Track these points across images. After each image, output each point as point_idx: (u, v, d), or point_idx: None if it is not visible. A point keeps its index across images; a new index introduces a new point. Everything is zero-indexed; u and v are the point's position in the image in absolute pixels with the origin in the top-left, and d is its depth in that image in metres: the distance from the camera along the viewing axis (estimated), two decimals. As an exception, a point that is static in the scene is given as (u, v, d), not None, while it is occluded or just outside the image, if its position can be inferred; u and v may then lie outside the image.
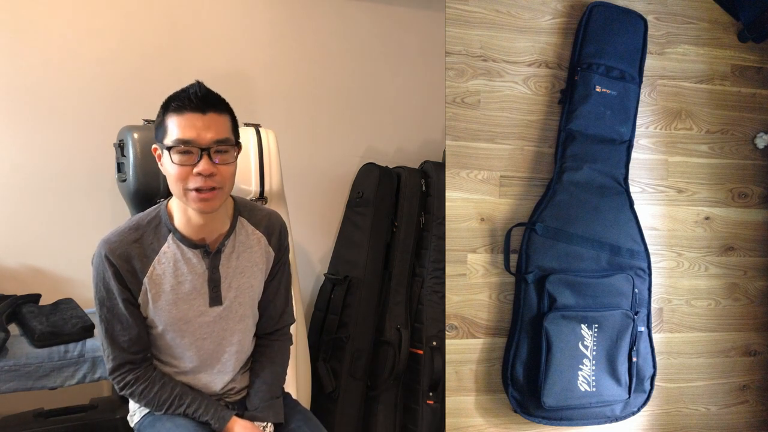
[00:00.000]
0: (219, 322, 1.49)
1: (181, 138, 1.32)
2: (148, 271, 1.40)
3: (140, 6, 2.40)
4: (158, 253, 1.41)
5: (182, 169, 1.33)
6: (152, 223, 1.44)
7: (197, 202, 1.35)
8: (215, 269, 1.45)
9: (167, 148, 1.34)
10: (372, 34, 2.76)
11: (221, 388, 1.54)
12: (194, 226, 1.42)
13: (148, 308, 1.43)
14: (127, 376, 1.44)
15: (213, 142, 1.33)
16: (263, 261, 1.54)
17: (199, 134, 1.32)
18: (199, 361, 1.50)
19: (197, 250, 1.44)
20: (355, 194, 2.65)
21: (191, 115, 1.32)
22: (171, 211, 1.45)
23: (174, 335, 1.46)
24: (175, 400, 1.46)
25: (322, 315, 2.56)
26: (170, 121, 1.34)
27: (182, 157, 1.33)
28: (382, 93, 2.79)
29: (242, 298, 1.51)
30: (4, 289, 2.16)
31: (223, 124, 1.36)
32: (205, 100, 1.34)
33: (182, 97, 1.34)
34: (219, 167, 1.34)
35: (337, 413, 2.40)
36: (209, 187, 1.34)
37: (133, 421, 1.58)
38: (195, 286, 1.44)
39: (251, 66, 2.56)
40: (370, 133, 2.78)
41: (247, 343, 1.57)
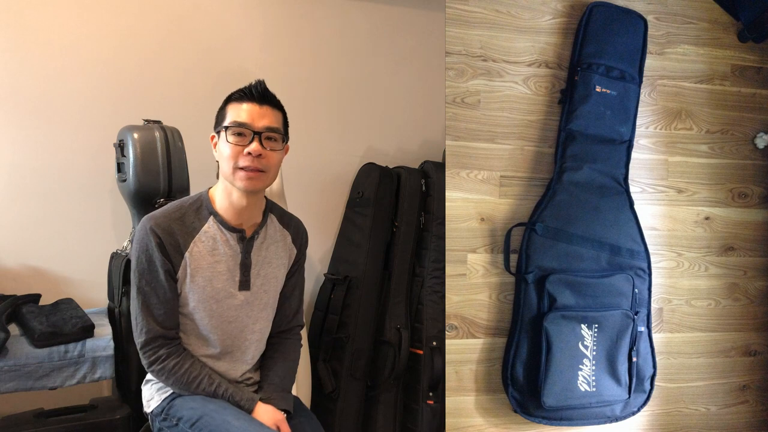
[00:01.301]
0: (245, 307, 1.58)
1: (237, 120, 1.49)
2: (189, 246, 1.51)
3: (140, 6, 2.40)
4: (199, 231, 1.53)
5: (235, 148, 1.48)
6: (194, 206, 1.56)
7: (244, 180, 1.49)
8: (248, 254, 1.57)
9: (225, 128, 1.50)
10: (372, 34, 2.76)
11: (240, 375, 1.60)
12: (236, 209, 1.54)
13: (185, 283, 1.52)
14: (159, 351, 1.50)
15: (265, 128, 1.50)
16: (286, 256, 1.67)
17: (253, 120, 1.49)
18: (222, 346, 1.57)
19: (234, 234, 1.56)
20: (355, 194, 2.65)
21: (249, 104, 1.50)
22: (213, 197, 1.58)
23: (203, 315, 1.54)
24: (205, 378, 1.52)
25: (322, 315, 2.56)
26: (230, 108, 1.52)
27: (237, 138, 1.49)
28: (382, 93, 2.79)
29: (267, 286, 1.62)
30: (4, 289, 2.17)
31: (276, 117, 1.54)
32: (263, 94, 1.52)
33: (244, 90, 1.52)
34: (267, 152, 1.50)
35: (337, 413, 2.40)
36: (257, 167, 1.48)
37: (150, 406, 1.59)
38: (229, 267, 1.55)
39: (251, 66, 2.56)
40: (370, 133, 2.78)
41: (266, 335, 1.67)
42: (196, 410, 1.47)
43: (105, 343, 1.82)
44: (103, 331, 1.89)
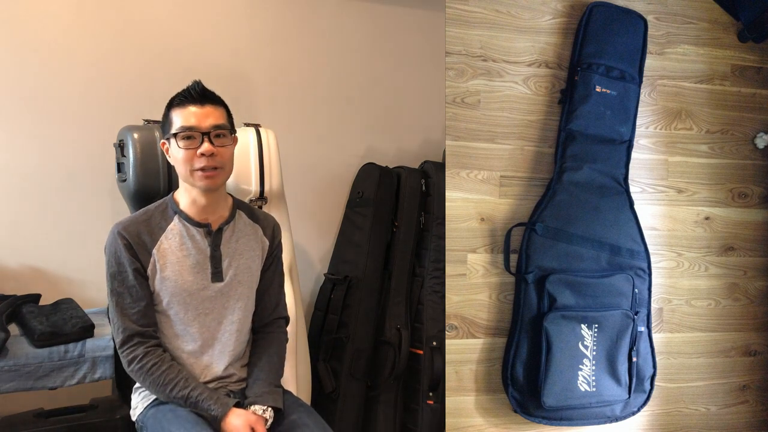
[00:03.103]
0: (220, 298, 1.61)
1: (184, 125, 1.53)
2: (156, 243, 1.56)
3: (141, 6, 2.40)
4: (165, 230, 1.58)
5: (188, 153, 1.53)
6: (159, 208, 1.62)
7: (203, 180, 1.54)
8: (216, 247, 1.61)
9: (173, 136, 1.54)
10: (372, 34, 2.76)
11: (223, 370, 1.60)
12: (198, 207, 1.59)
13: (156, 279, 1.56)
14: (136, 350, 1.52)
15: (212, 127, 1.54)
16: (259, 248, 1.69)
17: (199, 121, 1.53)
18: (202, 339, 1.59)
19: (201, 229, 1.60)
20: (355, 194, 2.65)
21: (192, 107, 1.54)
22: (177, 199, 1.62)
23: (178, 309, 1.57)
24: (181, 381, 1.52)
25: (322, 315, 2.56)
26: (174, 115, 1.55)
27: (187, 141, 1.53)
28: (382, 93, 2.79)
29: (241, 277, 1.64)
30: (4, 289, 2.17)
31: (220, 114, 1.57)
32: (203, 94, 1.56)
33: (183, 94, 1.56)
34: (218, 149, 1.54)
35: (337, 413, 2.40)
36: (212, 166, 1.53)
37: (135, 414, 1.62)
38: (198, 261, 1.59)
39: (251, 66, 2.56)
40: (370, 133, 2.78)
41: (246, 326, 1.67)
42: (160, 426, 1.50)
43: (105, 343, 1.82)
44: (103, 331, 1.89)
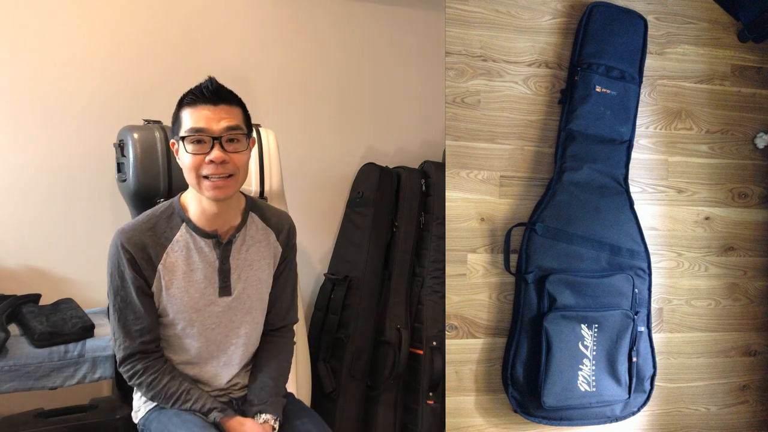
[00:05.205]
0: (227, 313, 1.53)
1: (194, 127, 1.39)
2: (162, 258, 1.45)
3: (141, 6, 2.40)
4: (172, 241, 1.46)
5: (196, 158, 1.39)
6: (165, 213, 1.49)
7: (211, 190, 1.41)
8: (225, 260, 1.50)
9: (181, 138, 1.41)
10: (372, 34, 2.76)
11: (227, 381, 1.56)
12: (208, 216, 1.47)
13: (162, 296, 1.47)
14: (136, 366, 1.46)
15: (224, 130, 1.40)
16: (270, 255, 1.58)
17: (210, 123, 1.39)
18: (207, 352, 1.53)
19: (209, 240, 1.49)
20: (355, 194, 2.65)
21: (203, 107, 1.40)
22: (185, 203, 1.50)
23: (184, 324, 1.49)
24: (183, 395, 1.48)
25: (322, 315, 2.56)
26: (184, 114, 1.41)
27: (195, 146, 1.40)
28: (382, 93, 2.79)
29: (250, 290, 1.55)
30: (4, 289, 2.17)
31: (234, 115, 1.43)
32: (216, 93, 1.41)
33: (195, 91, 1.42)
34: (231, 155, 1.40)
35: (337, 413, 2.40)
36: (222, 174, 1.40)
37: (137, 417, 1.59)
38: (206, 275, 1.49)
39: (251, 66, 2.56)
40: (370, 133, 2.78)
41: (254, 337, 1.60)
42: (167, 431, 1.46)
43: (105, 343, 1.82)
44: (103, 331, 1.89)
